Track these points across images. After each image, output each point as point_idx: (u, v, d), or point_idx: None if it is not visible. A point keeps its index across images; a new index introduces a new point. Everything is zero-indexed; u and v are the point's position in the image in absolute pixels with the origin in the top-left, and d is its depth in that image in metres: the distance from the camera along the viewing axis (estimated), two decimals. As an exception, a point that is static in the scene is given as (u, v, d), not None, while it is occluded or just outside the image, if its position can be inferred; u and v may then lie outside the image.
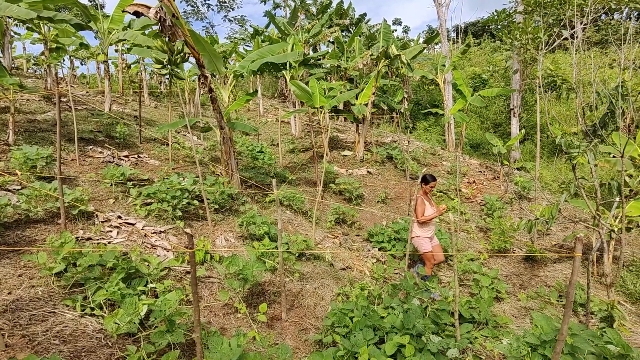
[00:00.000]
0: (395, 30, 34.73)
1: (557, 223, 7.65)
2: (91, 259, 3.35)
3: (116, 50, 15.36)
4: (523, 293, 5.38)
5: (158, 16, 4.35)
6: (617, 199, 4.13)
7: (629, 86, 3.80)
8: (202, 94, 15.57)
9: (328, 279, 4.79)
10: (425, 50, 27.18)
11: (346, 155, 10.75)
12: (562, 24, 9.60)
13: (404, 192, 8.90)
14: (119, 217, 4.86)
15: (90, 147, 7.28)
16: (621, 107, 3.51)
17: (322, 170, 9.12)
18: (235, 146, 9.95)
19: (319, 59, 14.01)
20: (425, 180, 5.14)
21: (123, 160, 7.07)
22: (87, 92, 13.51)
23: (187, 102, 14.04)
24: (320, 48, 22.55)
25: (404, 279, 4.26)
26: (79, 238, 4.19)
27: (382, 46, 9.30)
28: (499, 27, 10.68)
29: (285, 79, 13.67)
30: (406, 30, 45.20)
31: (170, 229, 4.97)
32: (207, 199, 5.72)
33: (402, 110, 18.12)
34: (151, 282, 3.50)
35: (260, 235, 5.03)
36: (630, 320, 4.95)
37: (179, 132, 10.34)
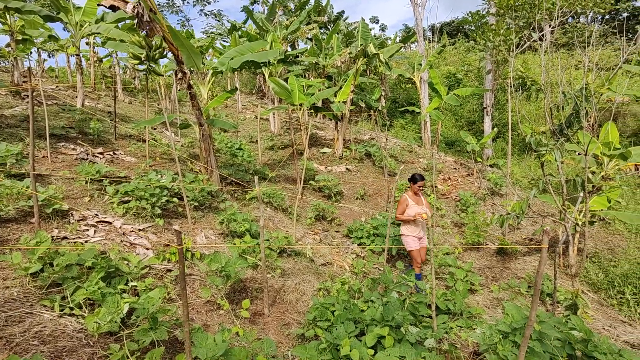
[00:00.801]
0: (373, 29, 35.02)
1: (527, 218, 8.01)
2: (69, 258, 3.29)
3: (87, 44, 14.83)
4: (495, 285, 5.63)
5: (135, 11, 4.27)
6: (581, 194, 4.39)
7: (592, 88, 4.05)
8: (180, 90, 15.27)
9: (309, 275, 4.86)
10: (402, 49, 27.62)
11: (325, 153, 10.83)
12: (532, 27, 10.00)
13: (382, 189, 9.07)
14: (96, 215, 4.77)
15: (63, 143, 7.05)
16: (585, 107, 3.75)
17: (302, 168, 9.19)
18: (214, 143, 9.86)
19: (297, 56, 14.01)
20: (414, 179, 5.19)
21: (98, 157, 6.89)
22: (57, 86, 13.00)
23: (163, 98, 13.74)
24: (298, 45, 22.50)
25: (383, 273, 4.39)
26: (55, 237, 4.08)
27: (361, 45, 9.40)
28: (472, 28, 10.99)
29: (264, 75, 13.60)
30: (383, 28, 45.69)
31: (149, 227, 4.91)
32: (187, 197, 5.68)
33: (379, 108, 18.40)
34: (132, 281, 3.47)
35: (242, 232, 5.05)
36: (592, 308, 5.27)
37: (155, 129, 10.14)
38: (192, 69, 6.70)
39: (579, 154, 7.14)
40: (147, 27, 4.49)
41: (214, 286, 3.86)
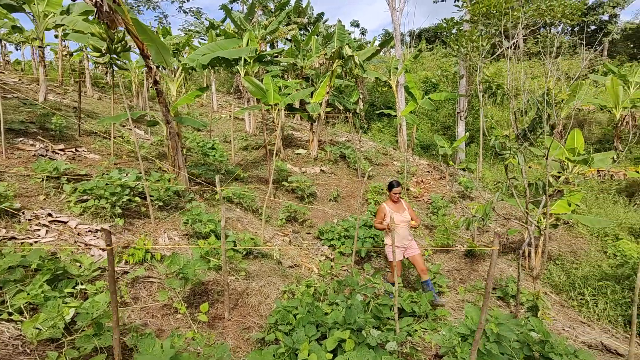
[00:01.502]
0: (353, 32, 35.28)
1: (495, 220, 8.16)
2: (12, 260, 3.08)
3: (56, 36, 14.26)
4: (462, 286, 5.68)
5: (94, 1, 4.08)
6: (544, 197, 4.48)
7: (552, 94, 4.14)
8: (152, 87, 14.87)
9: (275, 277, 4.76)
10: (381, 53, 27.86)
11: (300, 154, 10.75)
12: (504, 34, 10.24)
13: (355, 191, 9.06)
14: (49, 214, 4.52)
15: (21, 139, 6.70)
16: (547, 112, 3.82)
17: (275, 168, 9.08)
18: (185, 142, 9.61)
19: (275, 56, 13.90)
20: (390, 186, 4.91)
21: (58, 154, 6.58)
22: (19, 79, 12.41)
23: (134, 94, 13.34)
24: (277, 46, 22.38)
25: (349, 276, 4.34)
26: (1, 238, 3.84)
27: (337, 46, 9.40)
28: (447, 34, 11.19)
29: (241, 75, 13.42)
30: (364, 32, 46.03)
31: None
32: (151, 196, 5.48)
33: (357, 111, 18.49)
34: (81, 284, 3.28)
35: (206, 233, 4.90)
36: (554, 309, 5.39)
37: (124, 126, 9.81)
38: (161, 65, 6.50)
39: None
40: (108, 19, 4.30)
41: (172, 289, 3.71)
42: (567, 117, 16.55)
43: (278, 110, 10.12)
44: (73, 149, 6.93)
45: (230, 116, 13.63)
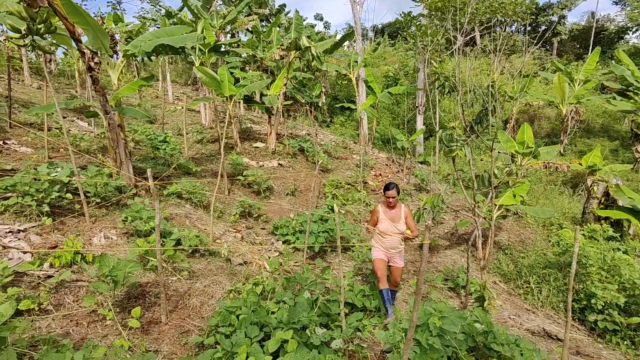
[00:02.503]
0: (316, 25, 34.98)
1: (449, 212, 8.32)
2: None
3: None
4: (415, 279, 5.71)
5: (8, -26, 3.63)
6: (490, 189, 4.54)
7: (497, 86, 4.20)
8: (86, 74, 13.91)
9: (222, 276, 4.54)
10: (345, 48, 27.84)
11: (258, 147, 10.47)
12: (459, 30, 10.44)
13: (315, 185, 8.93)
14: (-38, 214, 4.03)
15: (-63, 130, 6.00)
16: (492, 104, 3.87)
17: (230, 162, 8.76)
18: (134, 134, 9.07)
19: (233, 46, 13.44)
20: (385, 188, 4.21)
21: (-18, 147, 5.95)
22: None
23: (79, 83, 12.44)
24: (239, 37, 21.75)
25: (298, 272, 4.20)
26: None
27: (294, 37, 9.17)
28: (406, 28, 11.25)
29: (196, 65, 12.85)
30: (327, 26, 45.82)
31: (33, 227, 4.27)
32: (88, 192, 5.07)
33: (319, 104, 18.35)
34: (-10, 292, 2.92)
35: (147, 231, 4.58)
36: (502, 298, 5.54)
37: (65, 117, 9.09)
38: (99, 50, 6.01)
39: (499, 152, 7.54)
40: (27, -5, 3.85)
41: (100, 293, 3.40)
42: (520, 112, 17.30)
43: (233, 101, 9.77)
44: (0, 142, 6.30)
45: (182, 107, 13.05)
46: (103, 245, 4.39)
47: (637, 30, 28.26)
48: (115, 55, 5.96)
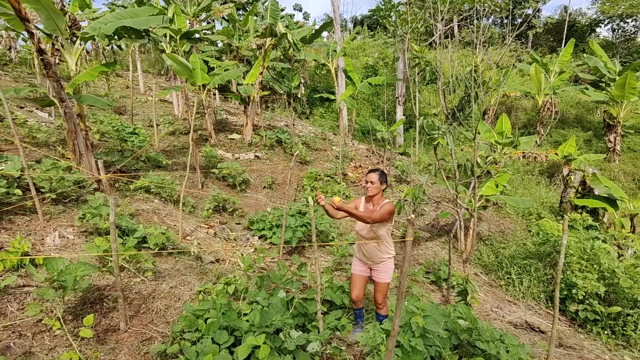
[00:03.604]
0: (294, 15, 34.31)
1: (429, 204, 8.20)
2: None
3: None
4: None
5: None
6: (473, 179, 4.37)
7: (480, 70, 4.02)
8: (59, 63, 13.09)
9: (191, 275, 4.22)
10: (325, 39, 27.44)
11: (234, 139, 10.08)
12: (440, 18, 10.23)
13: (292, 177, 8.65)
14: None
15: None
16: (475, 90, 3.69)
17: (203, 155, 8.37)
18: (99, 126, 8.52)
19: (207, 34, 12.87)
20: (369, 172, 3.48)
21: None
22: None
23: (39, 72, 11.67)
24: (215, 26, 21.02)
25: (271, 270, 3.94)
26: None
27: (269, 23, 8.78)
28: (385, 16, 11.02)
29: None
30: (306, 17, 45.16)
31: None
32: (42, 188, 4.64)
33: (298, 96, 17.97)
34: None
35: (107, 229, 4.21)
36: (483, 290, 5.44)
37: (22, 107, 8.46)
38: (54, 33, 5.52)
39: (479, 142, 7.43)
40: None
41: (46, 300, 3.05)
42: (497, 104, 17.43)
43: (206, 91, 9.33)
44: (-56, 134, 5.74)
45: (151, 97, 12.45)
46: (57, 246, 4.00)
47: (608, 23, 28.99)
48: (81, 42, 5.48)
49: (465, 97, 4.16)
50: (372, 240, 3.31)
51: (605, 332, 4.46)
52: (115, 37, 5.91)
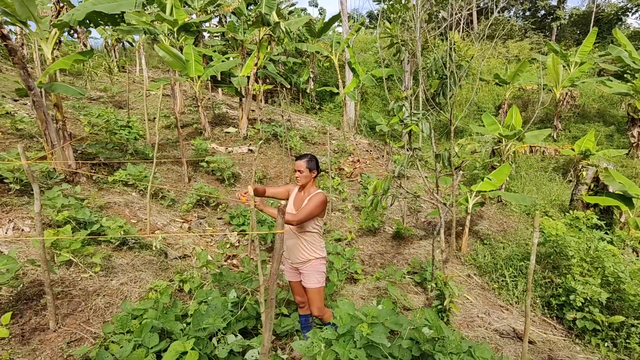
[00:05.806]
0: (305, 9, 33.93)
1: (426, 200, 7.72)
2: None
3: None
4: (380, 271, 5.16)
5: None
6: (455, 171, 3.95)
7: (460, 47, 3.59)
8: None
9: (148, 272, 3.98)
10: (331, 32, 26.94)
11: (229, 133, 9.86)
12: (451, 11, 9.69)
13: (285, 172, 8.36)
14: None
15: None
16: (456, 72, 3.28)
17: (193, 148, 8.19)
18: (90, 117, 8.44)
19: (206, 26, 12.72)
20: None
21: None
22: None
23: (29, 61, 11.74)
24: (226, 21, 20.94)
25: (225, 268, 3.65)
26: None
27: (264, 12, 8.48)
28: (386, 4, 10.53)
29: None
30: (322, 12, 44.81)
31: None
32: (5, 179, 4.50)
33: (307, 90, 17.62)
34: None
35: (61, 221, 4.01)
36: (474, 294, 4.99)
37: (4, 97, 8.49)
38: (28, 19, 5.39)
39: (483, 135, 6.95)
40: None
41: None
42: (513, 97, 16.59)
43: (200, 83, 9.14)
44: None
45: (162, 94, 12.40)
46: (7, 238, 3.83)
47: (637, 10, 27.30)
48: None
49: (443, 79, 3.76)
50: (298, 233, 2.86)
51: (606, 344, 3.97)
52: (90, 23, 5.72)
